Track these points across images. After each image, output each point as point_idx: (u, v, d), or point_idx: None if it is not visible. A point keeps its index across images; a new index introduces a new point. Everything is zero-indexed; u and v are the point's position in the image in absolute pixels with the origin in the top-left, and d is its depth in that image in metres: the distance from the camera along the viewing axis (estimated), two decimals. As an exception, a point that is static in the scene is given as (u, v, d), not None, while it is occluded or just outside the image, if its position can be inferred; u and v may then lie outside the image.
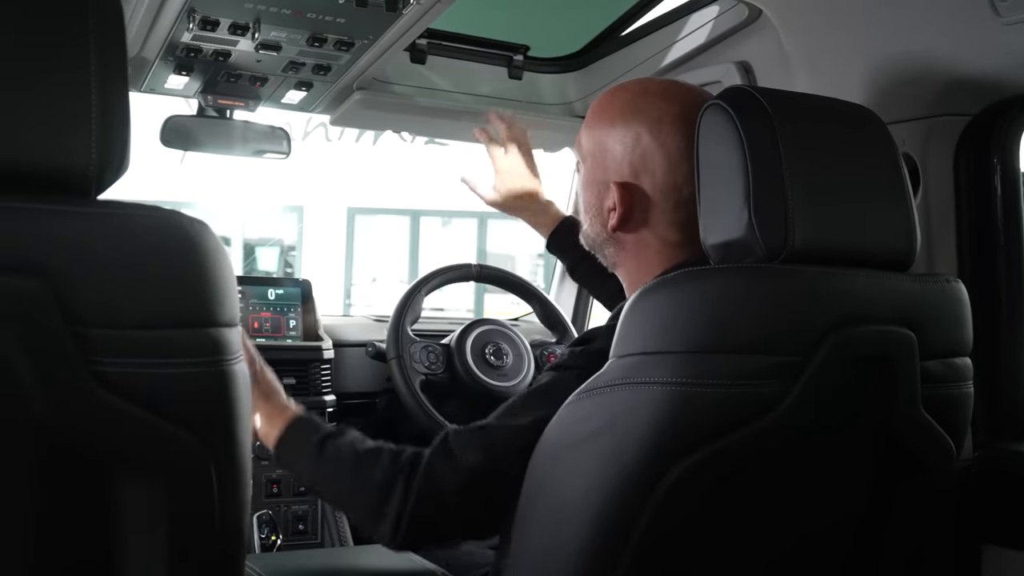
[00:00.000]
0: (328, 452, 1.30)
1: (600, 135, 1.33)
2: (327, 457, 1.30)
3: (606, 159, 1.31)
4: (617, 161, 1.30)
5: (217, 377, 0.94)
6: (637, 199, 1.29)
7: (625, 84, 1.38)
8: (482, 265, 2.28)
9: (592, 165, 1.34)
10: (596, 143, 1.33)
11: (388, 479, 1.20)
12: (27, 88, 0.86)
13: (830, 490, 1.17)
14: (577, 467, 1.09)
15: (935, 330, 1.16)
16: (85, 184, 0.89)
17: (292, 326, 2.23)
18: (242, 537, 1.03)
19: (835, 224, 1.12)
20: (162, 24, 1.64)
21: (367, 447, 1.27)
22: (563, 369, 1.21)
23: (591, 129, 1.35)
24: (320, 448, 1.30)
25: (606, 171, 1.32)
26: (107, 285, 0.87)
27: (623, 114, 1.31)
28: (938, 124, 1.56)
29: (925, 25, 1.49)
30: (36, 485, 0.90)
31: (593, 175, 1.34)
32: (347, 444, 1.29)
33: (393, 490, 1.20)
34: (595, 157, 1.34)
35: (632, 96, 1.33)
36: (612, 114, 1.32)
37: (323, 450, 1.30)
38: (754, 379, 1.04)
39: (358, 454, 1.27)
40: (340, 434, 1.31)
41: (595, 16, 2.26)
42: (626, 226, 1.30)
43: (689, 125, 1.21)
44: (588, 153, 1.35)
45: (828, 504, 1.18)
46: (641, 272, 1.31)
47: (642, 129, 1.28)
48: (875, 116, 1.22)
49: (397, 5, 1.54)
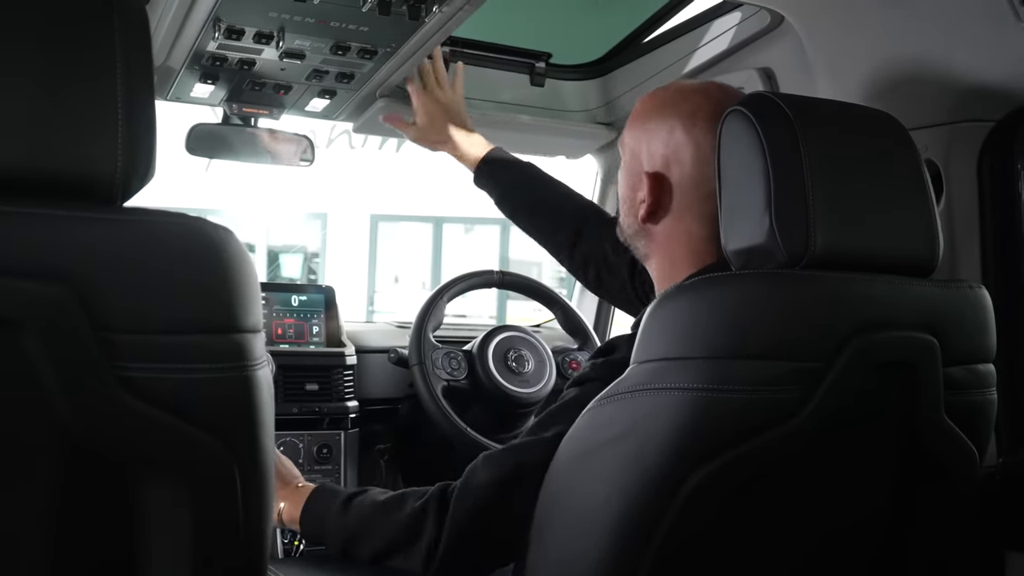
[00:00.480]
0: (353, 508, 1.34)
1: (638, 129, 1.36)
2: (352, 513, 1.34)
3: (642, 152, 1.35)
4: (651, 154, 1.33)
5: (241, 382, 0.95)
6: (666, 189, 1.31)
7: (667, 84, 1.42)
8: (504, 272, 2.28)
9: (629, 158, 1.38)
10: (634, 137, 1.37)
11: (416, 513, 1.25)
12: (53, 95, 0.87)
13: (852, 495, 1.17)
14: (598, 473, 1.09)
15: (958, 336, 1.15)
16: (111, 191, 0.90)
17: (315, 332, 2.24)
18: (266, 542, 1.03)
19: (857, 230, 1.12)
20: (188, 33, 1.66)
21: (390, 494, 1.32)
22: (587, 383, 1.22)
23: (632, 124, 1.39)
24: (345, 507, 1.35)
25: (641, 163, 1.35)
26: (133, 291, 0.88)
27: (660, 109, 1.34)
28: (961, 130, 1.55)
29: (947, 31, 1.49)
30: (59, 488, 0.91)
31: (630, 167, 1.38)
32: (370, 497, 1.34)
33: (424, 523, 1.23)
34: (632, 150, 1.37)
35: (671, 93, 1.37)
36: (651, 110, 1.36)
37: (348, 508, 1.35)
38: (776, 385, 1.04)
39: (383, 502, 1.31)
40: (362, 492, 1.36)
41: (617, 23, 2.26)
42: (655, 217, 1.32)
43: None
44: (627, 147, 1.39)
45: (850, 509, 1.17)
46: (670, 267, 1.33)
47: (676, 123, 1.31)
48: (897, 122, 1.21)
49: (420, 13, 1.55)
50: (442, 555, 1.22)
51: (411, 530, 1.25)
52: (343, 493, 1.39)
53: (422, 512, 1.24)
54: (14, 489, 0.90)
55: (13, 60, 0.85)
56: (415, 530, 1.24)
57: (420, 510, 1.25)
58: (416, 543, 1.24)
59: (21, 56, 0.85)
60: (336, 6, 1.54)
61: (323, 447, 2.11)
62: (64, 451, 0.90)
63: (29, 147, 0.86)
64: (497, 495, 1.21)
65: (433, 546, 1.22)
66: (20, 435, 0.88)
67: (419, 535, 1.24)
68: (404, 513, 1.26)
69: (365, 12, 1.55)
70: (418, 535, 1.24)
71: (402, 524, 1.26)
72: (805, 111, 1.13)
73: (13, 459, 0.89)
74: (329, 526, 1.38)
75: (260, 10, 1.56)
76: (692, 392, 1.02)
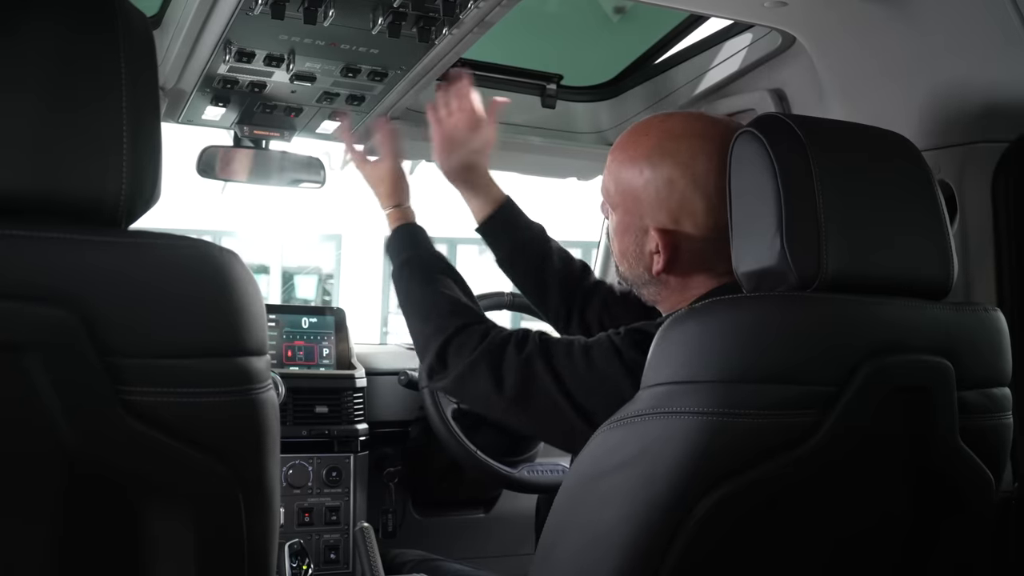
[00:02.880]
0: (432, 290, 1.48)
1: (629, 181, 1.32)
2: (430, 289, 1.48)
3: (640, 206, 1.31)
4: (653, 207, 1.30)
5: (246, 405, 0.94)
6: (683, 243, 1.29)
7: (647, 124, 1.36)
8: (515, 293, 2.27)
9: (625, 212, 1.34)
10: (626, 189, 1.33)
11: (466, 343, 1.34)
12: (58, 118, 0.87)
13: (866, 520, 1.15)
14: (608, 497, 1.08)
15: (973, 359, 1.14)
16: (116, 214, 0.90)
17: (325, 354, 2.24)
18: (271, 565, 1.03)
19: (869, 252, 1.11)
20: (199, 56, 1.67)
21: (464, 306, 1.44)
22: (613, 346, 1.23)
23: (618, 175, 1.34)
24: (430, 280, 1.50)
25: (642, 218, 1.31)
26: (137, 314, 0.88)
27: (650, 158, 1.30)
28: (975, 151, 1.54)
29: (960, 52, 1.48)
30: (63, 513, 0.91)
31: (629, 222, 1.34)
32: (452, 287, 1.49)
33: (462, 352, 1.34)
34: (627, 204, 1.33)
35: (658, 139, 1.32)
36: (638, 158, 1.32)
37: (431, 283, 1.49)
38: (787, 409, 1.03)
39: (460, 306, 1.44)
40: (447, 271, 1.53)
41: (628, 44, 2.26)
42: (672, 268, 1.30)
43: (722, 160, 1.19)
44: (619, 202, 1.35)
45: (864, 534, 1.16)
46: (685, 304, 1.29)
47: (675, 173, 1.28)
48: (910, 143, 1.20)
49: (430, 36, 1.55)
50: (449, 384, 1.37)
51: (443, 351, 1.36)
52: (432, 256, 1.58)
53: (465, 346, 1.34)
54: (18, 513, 0.90)
55: (19, 84, 0.85)
56: (448, 353, 1.36)
57: (467, 345, 1.34)
58: (442, 364, 1.36)
59: (27, 79, 0.86)
60: (346, 29, 1.55)
61: (332, 470, 2.11)
62: (68, 475, 0.89)
63: (34, 170, 0.86)
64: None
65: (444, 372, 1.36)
66: (24, 459, 0.88)
67: (448, 358, 1.36)
68: (460, 336, 1.36)
69: (375, 35, 1.55)
70: (446, 356, 1.36)
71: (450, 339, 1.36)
72: (817, 132, 1.12)
73: (17, 483, 0.89)
74: (407, 270, 1.55)
75: (271, 33, 1.56)
76: (702, 416, 1.01)
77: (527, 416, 1.29)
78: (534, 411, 1.26)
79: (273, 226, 11.54)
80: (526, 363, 1.26)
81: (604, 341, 1.24)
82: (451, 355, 1.35)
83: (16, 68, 0.85)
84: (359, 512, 2.13)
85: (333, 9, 1.47)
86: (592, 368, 1.22)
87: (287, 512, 2.05)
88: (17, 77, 0.85)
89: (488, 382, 1.29)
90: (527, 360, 1.26)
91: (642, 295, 1.39)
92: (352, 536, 2.11)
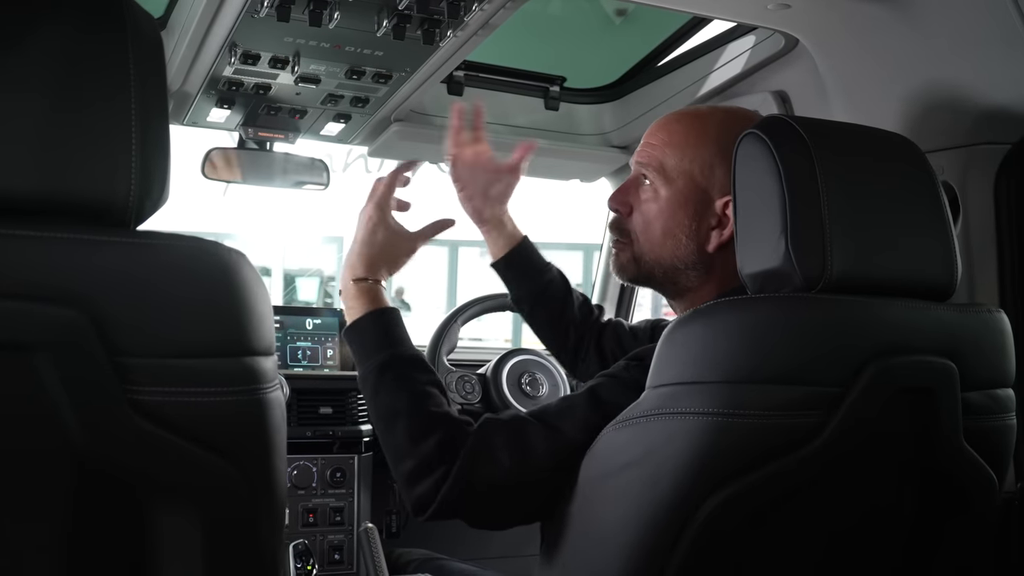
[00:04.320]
0: (385, 394, 1.25)
1: (697, 153, 1.31)
2: (382, 399, 1.25)
3: (708, 178, 1.30)
4: (721, 180, 1.29)
5: (253, 405, 0.94)
6: None
7: (703, 108, 1.37)
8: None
9: (686, 184, 1.31)
10: (694, 161, 1.31)
11: (435, 457, 1.17)
12: (68, 120, 0.87)
13: (870, 520, 1.15)
14: (614, 496, 1.09)
15: (977, 360, 1.14)
16: (124, 215, 0.90)
17: (329, 356, 2.25)
18: (278, 564, 1.03)
19: (873, 253, 1.11)
20: (204, 59, 1.67)
21: (429, 411, 1.22)
22: (613, 378, 1.20)
23: (683, 148, 1.32)
24: (381, 377, 1.26)
25: (707, 190, 1.30)
26: (145, 314, 0.88)
27: (719, 137, 1.29)
28: (978, 152, 1.55)
29: (962, 54, 1.48)
30: (72, 512, 0.91)
31: (688, 194, 1.31)
32: (412, 387, 1.24)
33: (434, 471, 1.17)
34: (692, 176, 1.31)
35: (726, 118, 1.32)
36: (708, 135, 1.31)
37: (382, 384, 1.25)
38: (792, 410, 1.03)
39: (409, 427, 1.21)
40: (406, 366, 1.27)
41: (631, 47, 2.26)
42: (729, 244, 1.27)
43: None
44: (682, 172, 1.31)
45: (868, 534, 1.16)
46: (722, 295, 1.27)
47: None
48: (913, 145, 1.21)
49: (434, 38, 1.56)
50: (435, 510, 1.17)
51: (418, 473, 1.18)
52: (389, 349, 1.28)
53: (438, 461, 1.17)
54: (27, 512, 0.90)
55: (28, 84, 0.86)
56: (421, 474, 1.18)
57: (436, 459, 1.17)
58: (416, 485, 1.18)
59: (35, 80, 0.86)
60: (351, 31, 1.55)
61: (337, 470, 2.11)
62: (76, 474, 0.90)
63: (43, 171, 0.86)
64: (508, 480, 1.16)
65: (429, 498, 1.17)
66: (33, 458, 0.88)
67: (423, 479, 1.17)
68: (424, 449, 1.18)
69: (380, 37, 1.56)
70: (423, 478, 1.17)
71: (417, 457, 1.18)
72: (820, 134, 1.13)
73: (26, 482, 0.89)
74: (363, 375, 1.29)
75: (276, 35, 1.57)
76: (707, 417, 1.01)
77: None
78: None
79: (275, 228, 11.54)
80: (550, 447, 1.17)
81: (605, 380, 1.21)
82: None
83: (25, 69, 0.86)
84: (363, 512, 2.14)
85: (338, 12, 1.47)
86: (600, 405, 1.18)
87: (292, 512, 2.05)
88: (26, 78, 0.86)
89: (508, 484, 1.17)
90: (549, 443, 1.17)
91: (673, 286, 1.35)
92: (356, 536, 2.12)
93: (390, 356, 1.28)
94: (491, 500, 1.18)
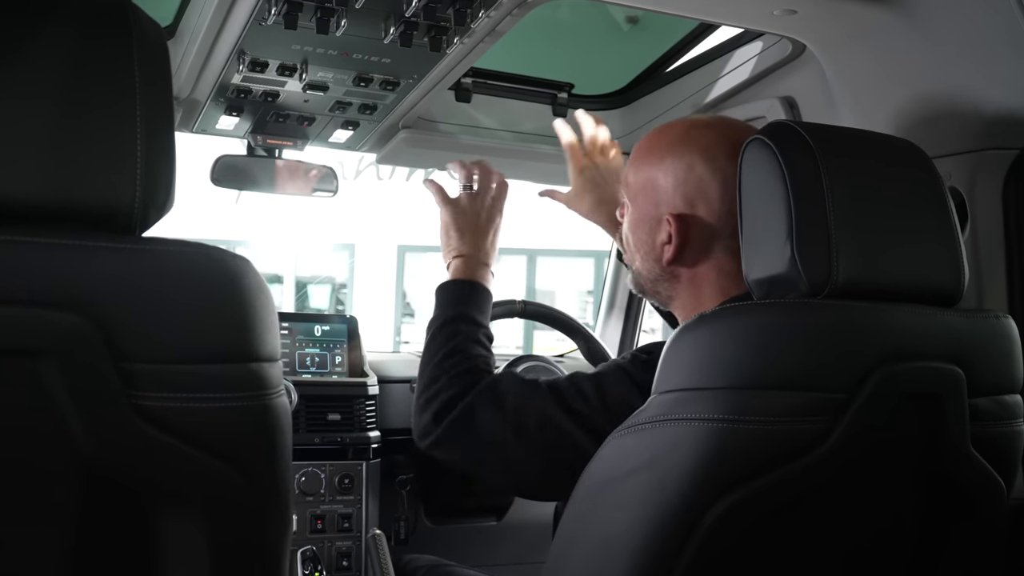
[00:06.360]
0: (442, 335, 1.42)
1: (649, 171, 1.33)
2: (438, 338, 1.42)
3: (657, 194, 1.32)
4: (669, 194, 1.30)
5: (259, 411, 0.95)
6: (693, 229, 1.29)
7: (672, 122, 1.38)
8: (527, 301, 2.27)
9: (642, 202, 1.34)
10: (645, 179, 1.33)
11: (452, 392, 1.33)
12: (72, 126, 0.87)
13: (876, 526, 1.15)
14: (619, 502, 1.09)
15: (984, 366, 1.14)
16: (129, 221, 0.90)
17: (338, 362, 2.25)
18: (284, 571, 1.03)
19: (880, 259, 1.11)
20: (213, 67, 1.68)
21: (467, 352, 1.39)
22: (618, 370, 1.23)
23: (638, 166, 1.35)
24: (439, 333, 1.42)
25: (658, 205, 1.32)
26: (150, 320, 0.88)
27: (673, 147, 1.31)
28: (985, 158, 1.54)
29: (970, 59, 1.48)
30: (77, 519, 0.91)
31: (644, 212, 1.34)
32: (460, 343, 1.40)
33: (445, 404, 1.33)
34: (645, 193, 1.33)
35: (682, 130, 1.33)
36: (661, 149, 1.33)
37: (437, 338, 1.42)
38: (797, 416, 1.03)
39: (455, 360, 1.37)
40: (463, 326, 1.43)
41: (639, 53, 2.26)
42: (682, 258, 1.30)
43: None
44: (637, 191, 1.35)
45: (875, 540, 1.15)
46: (697, 306, 1.29)
47: (695, 158, 1.29)
48: (920, 150, 1.20)
49: (441, 45, 1.56)
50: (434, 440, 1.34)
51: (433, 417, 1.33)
52: (454, 310, 1.45)
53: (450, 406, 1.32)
54: (33, 518, 0.90)
55: (33, 91, 0.86)
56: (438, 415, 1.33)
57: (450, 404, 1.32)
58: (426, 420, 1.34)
59: (40, 87, 0.86)
60: (358, 38, 1.56)
61: (345, 477, 2.11)
62: (81, 481, 0.90)
63: (48, 177, 0.86)
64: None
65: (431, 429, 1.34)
66: (38, 464, 0.89)
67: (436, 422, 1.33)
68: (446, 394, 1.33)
69: (387, 44, 1.57)
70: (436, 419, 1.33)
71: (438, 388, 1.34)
72: (827, 139, 1.12)
73: (31, 488, 0.89)
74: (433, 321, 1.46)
75: (284, 43, 1.57)
76: (712, 423, 1.01)
77: (545, 464, 1.27)
78: (553, 459, 1.25)
79: (287, 235, 11.58)
80: (543, 414, 1.25)
81: (612, 367, 1.26)
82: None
83: (29, 75, 0.86)
84: (371, 519, 2.13)
85: (345, 19, 1.48)
86: (606, 395, 1.22)
87: (300, 519, 2.05)
88: (30, 84, 0.86)
89: (499, 432, 1.29)
90: (541, 409, 1.26)
91: (658, 297, 1.39)
92: (364, 543, 2.12)
93: (460, 313, 1.45)
94: (484, 444, 1.30)
